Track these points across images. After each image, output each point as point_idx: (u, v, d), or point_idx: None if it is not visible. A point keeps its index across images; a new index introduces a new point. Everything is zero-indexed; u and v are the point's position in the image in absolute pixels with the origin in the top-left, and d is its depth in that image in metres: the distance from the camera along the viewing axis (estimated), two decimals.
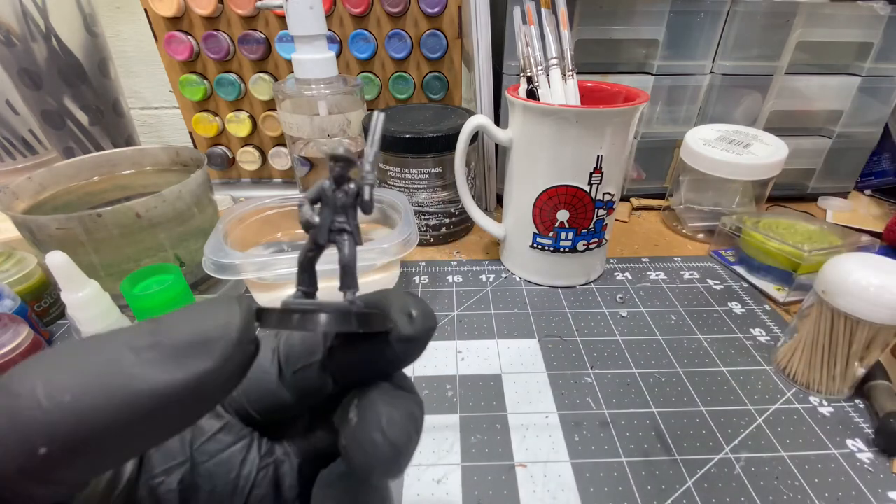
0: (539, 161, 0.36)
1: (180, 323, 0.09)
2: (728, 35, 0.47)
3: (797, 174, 0.56)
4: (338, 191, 0.11)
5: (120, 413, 0.08)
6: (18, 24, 0.45)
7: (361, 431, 0.11)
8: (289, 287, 0.38)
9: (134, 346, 0.08)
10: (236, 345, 0.09)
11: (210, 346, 0.09)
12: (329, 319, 0.10)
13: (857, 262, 0.28)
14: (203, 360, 0.08)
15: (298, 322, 0.10)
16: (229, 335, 0.09)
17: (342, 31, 0.52)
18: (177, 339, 0.09)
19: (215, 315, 0.09)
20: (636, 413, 0.29)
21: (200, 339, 0.09)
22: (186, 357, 0.08)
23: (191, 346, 0.08)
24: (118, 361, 0.08)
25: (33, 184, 0.37)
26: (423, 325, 0.12)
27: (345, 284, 0.12)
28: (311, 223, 0.11)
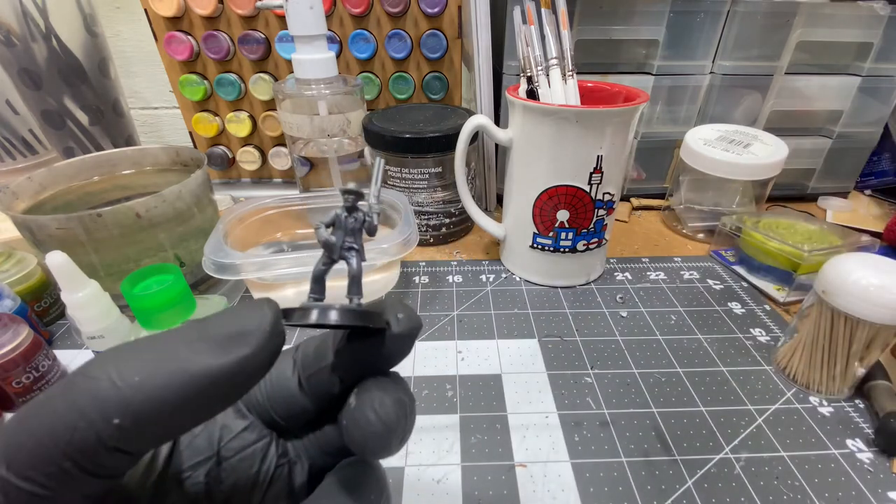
0: (539, 161, 0.36)
1: (222, 320, 0.11)
2: (728, 35, 0.47)
3: (797, 174, 0.56)
4: (349, 217, 0.14)
5: (178, 391, 0.10)
6: (18, 24, 0.45)
7: (358, 411, 0.13)
8: (289, 287, 0.38)
9: (186, 339, 0.10)
10: (269, 336, 0.11)
11: (248, 337, 0.11)
12: (339, 313, 0.12)
13: (857, 262, 0.28)
14: (243, 348, 0.10)
15: (316, 316, 0.12)
16: (263, 328, 0.11)
17: (342, 31, 0.52)
18: (220, 332, 0.11)
19: (250, 314, 0.11)
20: (636, 413, 0.29)
21: (239, 331, 0.11)
22: (229, 346, 0.10)
23: (232, 338, 0.10)
24: (175, 350, 0.10)
25: (33, 184, 0.37)
26: (409, 323, 0.14)
27: (352, 292, 0.14)
28: (329, 243, 0.14)
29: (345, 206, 0.14)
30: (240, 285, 0.42)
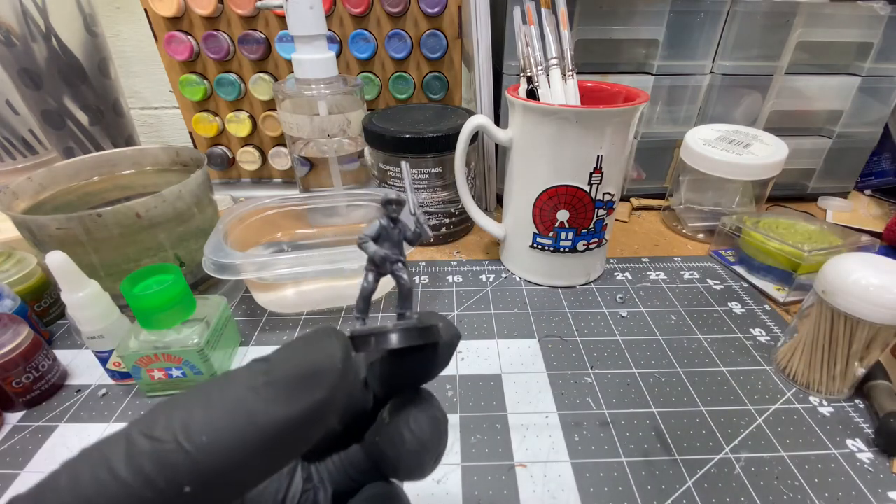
0: (539, 161, 0.36)
1: (288, 359, 0.10)
2: (728, 35, 0.47)
3: (797, 174, 0.56)
4: (393, 228, 0.14)
5: (248, 447, 0.09)
6: (18, 24, 0.45)
7: (392, 427, 0.12)
8: (289, 287, 0.38)
9: (252, 385, 0.09)
10: (342, 374, 0.10)
11: (319, 378, 0.10)
12: (400, 336, 0.12)
13: (857, 262, 0.28)
14: (316, 392, 0.09)
15: (376, 343, 0.12)
16: (335, 365, 0.10)
17: (342, 31, 0.52)
18: (289, 374, 0.09)
19: (318, 349, 0.10)
20: (636, 413, 0.29)
21: (310, 372, 0.10)
22: (300, 390, 0.09)
23: (302, 380, 0.09)
24: (242, 401, 0.09)
25: (33, 184, 0.37)
26: (451, 333, 0.14)
27: (404, 306, 0.14)
28: (386, 258, 0.13)
29: (389, 216, 0.14)
30: (240, 285, 0.42)
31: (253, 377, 0.09)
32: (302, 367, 0.10)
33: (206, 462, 0.08)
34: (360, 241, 0.14)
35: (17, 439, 0.28)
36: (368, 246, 0.13)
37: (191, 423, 0.09)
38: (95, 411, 0.30)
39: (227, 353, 0.33)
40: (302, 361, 0.10)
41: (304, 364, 0.10)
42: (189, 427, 0.09)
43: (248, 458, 0.09)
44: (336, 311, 0.38)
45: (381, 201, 0.13)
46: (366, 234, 0.14)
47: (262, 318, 0.38)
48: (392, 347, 0.12)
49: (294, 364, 0.10)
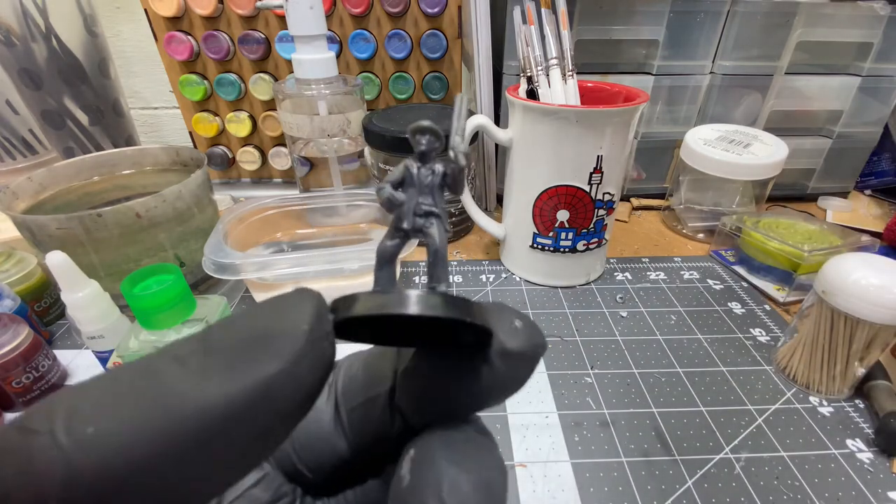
0: (539, 161, 0.36)
1: (235, 322, 0.07)
2: (728, 35, 0.47)
3: (797, 174, 0.56)
4: (423, 168, 0.10)
5: (158, 443, 0.06)
6: (18, 24, 0.45)
7: (413, 497, 0.08)
8: (289, 287, 0.38)
9: (179, 355, 0.07)
10: (308, 339, 0.07)
11: (275, 345, 0.07)
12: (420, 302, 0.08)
13: (857, 262, 0.28)
14: (266, 363, 0.06)
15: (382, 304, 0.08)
16: (298, 327, 0.07)
17: (342, 31, 0.52)
18: (232, 339, 0.07)
19: (279, 308, 0.07)
20: (636, 413, 0.29)
21: (261, 336, 0.07)
22: (244, 360, 0.06)
23: (249, 347, 0.07)
24: (158, 375, 0.06)
25: (33, 184, 0.37)
26: (532, 338, 0.09)
27: (435, 277, 0.10)
28: (394, 201, 0.10)
29: (417, 152, 0.10)
30: (240, 285, 0.42)
31: (184, 344, 0.07)
32: (250, 330, 0.07)
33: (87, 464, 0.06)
34: (377, 188, 0.10)
35: None
36: (384, 191, 0.10)
37: (79, 408, 0.06)
38: None
39: None
40: (252, 323, 0.07)
41: (254, 325, 0.07)
42: (74, 412, 0.06)
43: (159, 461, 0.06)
44: None
45: (410, 130, 0.10)
46: (386, 179, 0.10)
47: None
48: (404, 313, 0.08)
49: (240, 326, 0.07)
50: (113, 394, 0.06)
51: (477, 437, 0.09)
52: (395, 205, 0.10)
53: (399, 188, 0.10)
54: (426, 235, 0.10)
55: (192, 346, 0.07)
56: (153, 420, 0.06)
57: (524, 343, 0.09)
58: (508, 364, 0.09)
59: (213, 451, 0.06)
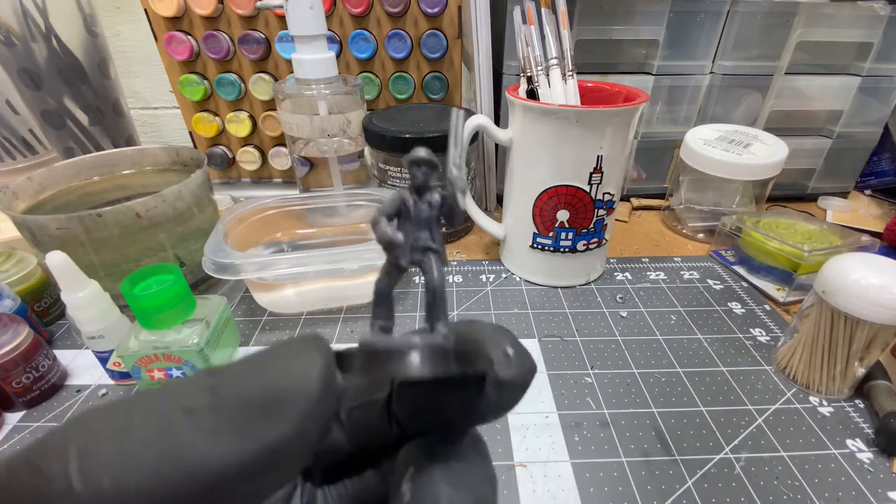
0: (539, 161, 0.36)
1: (246, 374, 0.07)
2: (728, 35, 0.47)
3: (797, 174, 0.56)
4: (420, 202, 0.10)
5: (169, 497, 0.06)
6: (18, 24, 0.45)
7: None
8: (289, 287, 0.38)
9: (189, 406, 0.07)
10: (318, 399, 0.07)
11: (284, 406, 0.07)
12: (423, 362, 0.08)
13: (857, 262, 0.28)
14: (276, 425, 0.07)
15: (387, 366, 0.08)
16: (308, 390, 0.07)
17: (342, 31, 0.52)
18: (242, 396, 0.07)
19: (289, 363, 0.07)
20: (636, 413, 0.29)
21: (272, 396, 0.07)
22: (254, 421, 0.07)
23: (260, 407, 0.07)
24: (170, 429, 0.06)
25: (33, 184, 0.37)
26: (522, 366, 0.09)
27: (433, 315, 0.10)
28: (394, 242, 0.09)
29: (413, 185, 0.10)
30: (240, 285, 0.42)
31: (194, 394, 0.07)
32: (262, 388, 0.07)
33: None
34: (372, 221, 0.10)
35: (17, 439, 0.28)
36: (380, 226, 0.09)
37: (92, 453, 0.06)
38: None
39: (227, 353, 0.33)
40: (263, 379, 0.07)
41: (266, 383, 0.07)
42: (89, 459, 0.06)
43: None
44: (336, 311, 0.38)
45: (407, 161, 0.09)
46: (381, 212, 0.09)
47: (262, 318, 0.38)
48: (409, 376, 0.08)
49: (251, 381, 0.07)
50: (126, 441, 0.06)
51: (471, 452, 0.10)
52: (395, 246, 0.09)
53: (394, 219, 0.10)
54: (424, 272, 0.10)
55: (203, 398, 0.07)
56: (167, 478, 0.06)
57: (516, 373, 0.09)
58: (501, 392, 0.09)
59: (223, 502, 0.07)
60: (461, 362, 0.09)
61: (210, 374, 0.07)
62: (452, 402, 0.10)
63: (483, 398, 0.09)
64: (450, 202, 0.10)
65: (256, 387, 0.07)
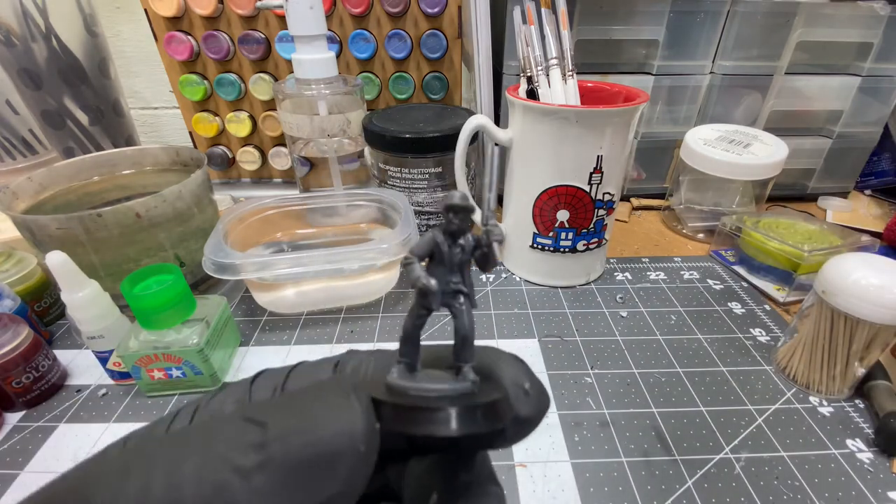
0: (539, 161, 0.36)
1: (290, 429, 0.07)
2: (728, 35, 0.47)
3: (797, 174, 0.56)
4: (454, 246, 0.10)
5: None
6: (18, 24, 0.45)
7: None
8: (289, 287, 0.38)
9: (239, 465, 0.07)
10: (364, 460, 0.07)
11: (334, 465, 0.07)
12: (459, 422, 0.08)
13: (857, 262, 0.28)
14: (328, 484, 0.07)
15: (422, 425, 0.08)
16: (355, 447, 0.07)
17: (342, 31, 0.52)
18: (291, 454, 0.07)
19: (332, 417, 0.07)
20: (636, 413, 0.29)
21: (321, 454, 0.07)
22: (306, 481, 0.07)
23: (310, 466, 0.07)
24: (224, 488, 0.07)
25: (33, 184, 0.37)
26: (539, 404, 0.10)
27: (462, 358, 0.10)
28: (429, 290, 0.09)
29: (448, 229, 0.10)
30: (240, 285, 0.42)
31: (242, 451, 0.07)
32: (309, 447, 0.07)
33: None
34: (405, 262, 0.10)
35: (17, 439, 0.28)
36: (413, 269, 0.09)
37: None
38: (95, 411, 0.30)
39: (227, 353, 0.33)
40: (309, 436, 0.07)
41: (312, 441, 0.07)
42: None
43: None
44: (336, 311, 0.38)
45: (444, 207, 0.09)
46: (413, 253, 0.10)
47: (262, 318, 0.38)
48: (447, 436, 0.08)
49: (298, 439, 0.07)
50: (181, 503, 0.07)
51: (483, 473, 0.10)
52: (430, 292, 0.09)
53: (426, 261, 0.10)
54: (455, 316, 0.10)
55: (253, 458, 0.07)
56: None
57: (533, 410, 0.10)
58: (517, 429, 0.10)
59: None
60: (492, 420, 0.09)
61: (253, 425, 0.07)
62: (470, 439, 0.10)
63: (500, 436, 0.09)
64: (484, 250, 0.10)
65: (305, 447, 0.07)
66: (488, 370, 0.10)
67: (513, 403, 0.10)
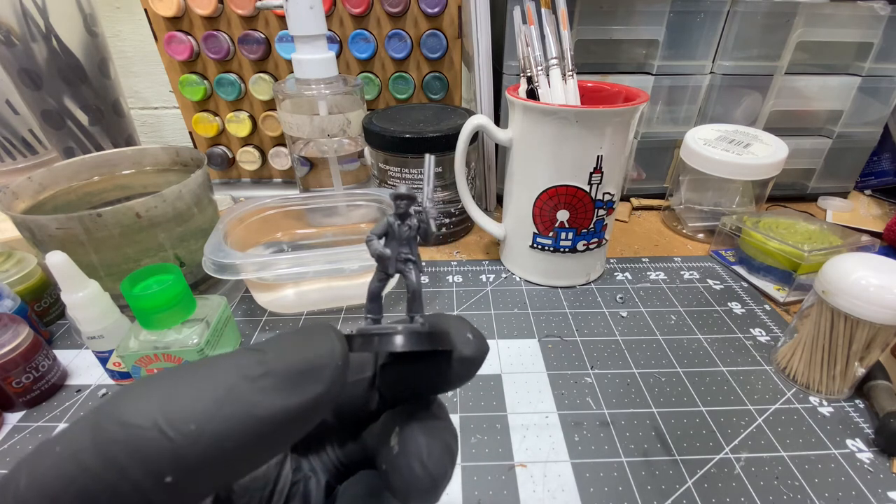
0: (539, 161, 0.36)
1: (286, 352, 0.10)
2: (728, 35, 0.47)
3: (797, 174, 0.56)
4: (402, 225, 0.13)
5: (242, 437, 0.08)
6: (18, 24, 0.45)
7: (402, 460, 0.12)
8: (289, 287, 0.38)
9: (248, 374, 0.09)
10: (341, 370, 0.10)
11: (319, 372, 0.09)
12: (405, 339, 0.11)
13: (857, 262, 0.28)
14: (315, 386, 0.09)
15: (378, 343, 0.11)
16: (335, 362, 0.10)
17: (342, 31, 0.52)
18: (288, 367, 0.09)
19: (318, 344, 0.10)
20: (636, 413, 0.29)
21: (310, 366, 0.09)
22: (300, 383, 0.09)
23: (302, 374, 0.09)
24: (236, 389, 0.09)
25: (33, 184, 0.37)
26: (480, 347, 0.13)
27: (413, 309, 0.13)
28: (384, 256, 0.13)
29: (397, 212, 0.13)
30: (240, 285, 0.42)
31: (247, 366, 0.09)
32: (301, 362, 0.09)
33: (192, 452, 0.08)
34: (366, 239, 0.13)
35: (17, 439, 0.28)
36: (373, 244, 0.13)
37: (174, 408, 0.08)
38: None
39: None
40: (302, 354, 0.10)
41: (304, 357, 0.10)
42: (172, 413, 0.08)
43: (241, 448, 0.08)
44: (336, 310, 0.38)
45: (392, 195, 0.13)
46: (372, 232, 0.13)
47: (262, 318, 0.38)
48: (394, 350, 0.11)
49: (293, 356, 0.10)
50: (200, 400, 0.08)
51: (439, 413, 0.13)
52: (384, 258, 0.13)
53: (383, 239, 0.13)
54: (406, 278, 0.13)
55: (258, 369, 0.09)
56: (240, 423, 0.08)
57: (475, 351, 0.13)
58: (463, 366, 0.12)
59: (270, 441, 0.09)
60: (433, 342, 0.12)
61: (254, 351, 0.09)
62: (425, 375, 0.13)
63: (449, 371, 0.12)
64: (424, 226, 0.13)
65: (298, 361, 0.09)
66: (438, 325, 0.13)
67: (457, 346, 0.12)
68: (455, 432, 0.13)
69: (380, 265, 0.13)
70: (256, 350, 0.10)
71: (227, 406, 0.08)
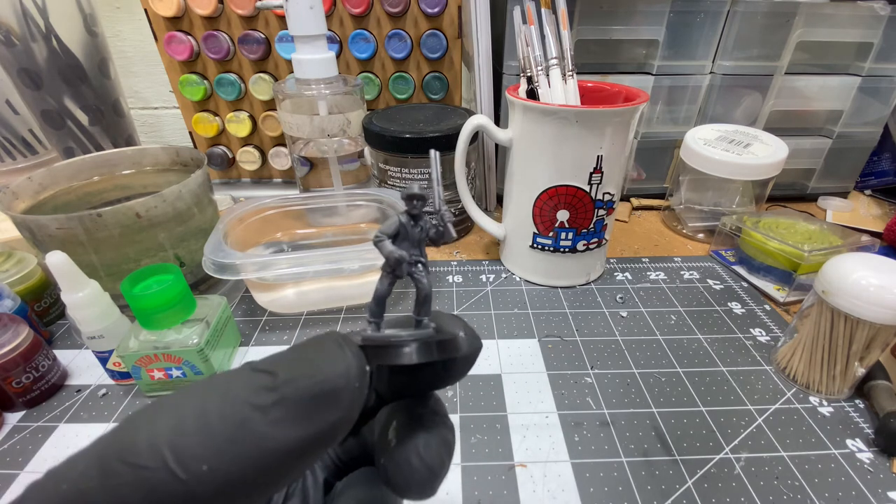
0: (539, 161, 0.36)
1: (297, 374, 0.09)
2: (728, 35, 0.47)
3: (797, 174, 0.56)
4: (415, 226, 0.12)
5: (255, 473, 0.08)
6: (18, 24, 0.45)
7: (400, 454, 0.12)
8: (289, 287, 0.38)
9: (257, 404, 0.08)
10: (359, 393, 0.09)
11: (336, 397, 0.09)
12: (418, 353, 0.11)
13: (857, 262, 0.28)
14: (332, 413, 0.09)
15: (393, 357, 0.11)
16: (352, 384, 0.09)
17: (342, 31, 0.52)
18: (301, 393, 0.09)
19: (331, 362, 0.09)
20: (636, 413, 0.29)
21: (325, 389, 0.09)
22: (315, 411, 0.09)
23: (316, 399, 0.09)
24: (248, 423, 0.08)
25: (33, 184, 0.37)
26: (472, 345, 0.13)
27: (423, 313, 0.13)
28: (402, 259, 0.12)
29: (409, 213, 0.12)
30: (240, 285, 0.42)
31: (257, 393, 0.09)
32: (315, 386, 0.09)
33: (205, 491, 0.08)
34: (375, 239, 0.12)
35: (17, 439, 0.28)
36: (384, 245, 0.12)
37: (183, 446, 0.08)
38: (95, 411, 0.30)
39: (227, 352, 0.33)
40: (314, 378, 0.09)
41: (318, 381, 0.09)
42: (182, 451, 0.08)
43: (254, 482, 0.08)
44: (336, 311, 0.38)
45: (403, 196, 0.12)
46: (382, 232, 0.12)
47: (262, 318, 0.38)
48: (409, 363, 0.11)
49: (305, 381, 0.09)
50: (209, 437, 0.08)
51: (436, 408, 0.13)
52: (402, 262, 0.12)
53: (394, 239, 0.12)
54: (418, 282, 0.12)
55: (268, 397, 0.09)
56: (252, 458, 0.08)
57: (468, 350, 0.13)
58: (459, 365, 0.13)
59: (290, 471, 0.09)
60: (443, 352, 0.12)
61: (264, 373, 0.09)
62: (423, 375, 0.13)
63: (445, 370, 0.13)
64: (440, 229, 0.13)
65: (309, 385, 0.09)
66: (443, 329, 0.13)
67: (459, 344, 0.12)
68: (452, 426, 0.13)
69: (394, 268, 0.12)
70: (265, 371, 0.09)
71: (240, 444, 0.08)
